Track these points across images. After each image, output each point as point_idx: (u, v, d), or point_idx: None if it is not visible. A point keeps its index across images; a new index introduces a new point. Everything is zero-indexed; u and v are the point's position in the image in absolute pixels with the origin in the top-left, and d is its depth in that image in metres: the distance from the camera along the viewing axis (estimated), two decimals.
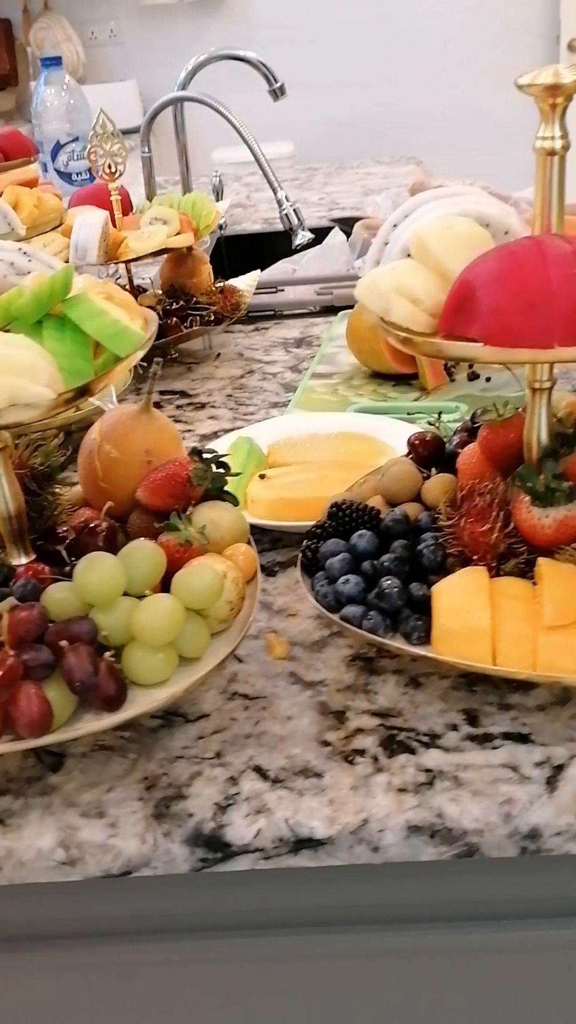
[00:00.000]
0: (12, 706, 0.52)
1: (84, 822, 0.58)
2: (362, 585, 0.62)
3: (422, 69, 3.58)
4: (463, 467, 0.68)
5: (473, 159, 3.53)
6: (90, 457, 0.72)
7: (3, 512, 0.62)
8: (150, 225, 1.21)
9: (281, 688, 0.67)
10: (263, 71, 1.56)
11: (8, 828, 0.58)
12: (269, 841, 0.56)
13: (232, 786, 0.59)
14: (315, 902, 0.62)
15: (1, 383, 0.47)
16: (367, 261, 0.66)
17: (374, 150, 3.44)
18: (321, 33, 3.56)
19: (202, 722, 0.64)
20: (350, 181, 2.44)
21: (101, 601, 0.56)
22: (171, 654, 0.58)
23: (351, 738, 0.62)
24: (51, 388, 0.50)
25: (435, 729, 0.61)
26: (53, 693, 0.54)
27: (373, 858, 0.56)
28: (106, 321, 0.52)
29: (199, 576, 0.58)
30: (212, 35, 3.59)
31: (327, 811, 0.57)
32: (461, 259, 0.56)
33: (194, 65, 1.59)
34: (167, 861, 0.57)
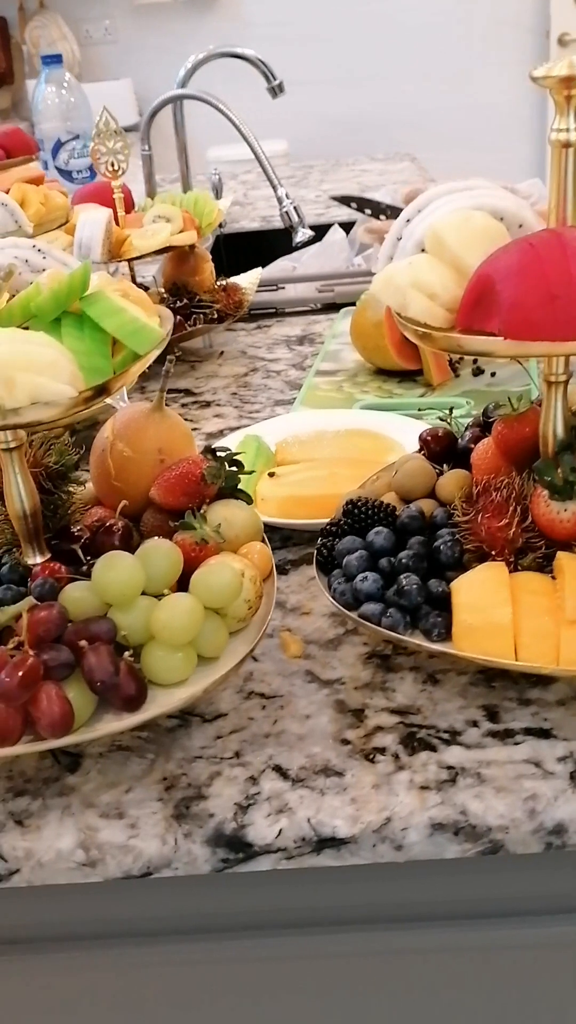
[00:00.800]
0: (33, 706, 0.52)
1: (104, 823, 0.57)
2: (380, 582, 0.61)
3: (414, 65, 3.58)
4: (477, 462, 0.68)
5: (467, 154, 3.53)
6: (103, 456, 0.71)
7: (18, 511, 0.62)
8: (153, 223, 1.21)
9: (298, 687, 0.66)
10: (262, 69, 1.56)
11: (27, 829, 0.57)
12: (291, 841, 0.56)
13: (252, 786, 0.59)
14: (336, 901, 0.62)
15: (22, 381, 0.47)
16: (380, 257, 0.65)
17: (368, 147, 3.44)
18: (314, 31, 3.56)
19: (220, 721, 0.64)
20: (346, 178, 2.44)
21: (120, 601, 0.56)
22: (190, 653, 0.57)
23: (371, 736, 0.61)
24: (72, 386, 0.49)
25: (455, 726, 0.61)
26: (73, 693, 0.54)
27: (396, 856, 0.56)
28: (125, 319, 0.51)
29: (218, 575, 0.58)
30: (206, 33, 3.58)
31: (349, 810, 0.56)
32: (478, 253, 0.56)
33: (194, 63, 1.58)
34: (188, 862, 0.56)
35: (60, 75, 1.58)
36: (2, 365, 0.47)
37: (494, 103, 3.59)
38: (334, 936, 0.62)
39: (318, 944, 0.62)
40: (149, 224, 1.22)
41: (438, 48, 3.55)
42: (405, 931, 0.62)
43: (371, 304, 1.13)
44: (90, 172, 1.63)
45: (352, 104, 3.62)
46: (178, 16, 3.61)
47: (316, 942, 0.62)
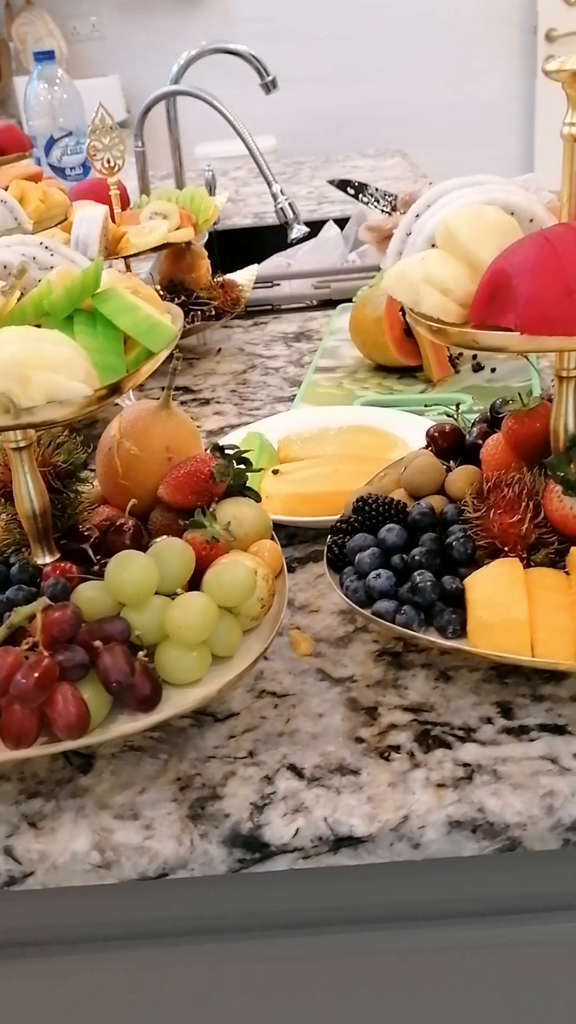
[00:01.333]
0: (49, 707, 0.51)
1: (119, 824, 0.57)
2: (393, 579, 0.61)
3: (403, 62, 3.58)
4: (487, 458, 0.68)
5: (457, 151, 3.53)
6: (109, 454, 0.71)
7: (28, 511, 0.61)
8: (150, 220, 1.20)
9: (309, 685, 0.66)
10: (255, 65, 1.55)
11: (41, 831, 0.57)
12: (308, 840, 0.56)
13: (267, 785, 0.58)
14: (351, 899, 0.61)
15: (37, 379, 0.46)
16: (389, 253, 0.65)
17: (357, 143, 3.44)
18: (301, 27, 3.55)
19: (232, 721, 0.63)
20: (337, 174, 2.43)
21: (134, 600, 0.56)
22: (204, 653, 0.57)
23: (385, 734, 0.61)
24: (87, 384, 0.49)
25: (469, 723, 0.61)
26: (88, 694, 0.53)
27: (414, 855, 0.56)
28: (139, 316, 0.51)
29: (232, 573, 0.57)
30: (193, 30, 3.57)
31: (366, 808, 0.56)
32: (491, 248, 0.56)
33: (187, 59, 1.57)
34: (205, 863, 0.56)
35: (52, 72, 1.57)
36: (17, 363, 0.46)
37: (483, 99, 3.59)
38: (350, 935, 0.62)
39: (334, 943, 0.62)
40: (146, 221, 1.21)
41: (427, 44, 3.55)
42: (422, 929, 0.61)
43: (370, 300, 1.12)
44: (83, 169, 1.62)
45: (340, 100, 3.61)
46: (165, 12, 3.60)
47: (332, 941, 0.62)
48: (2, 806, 0.59)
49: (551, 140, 3.63)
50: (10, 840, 0.57)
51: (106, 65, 3.59)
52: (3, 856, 0.56)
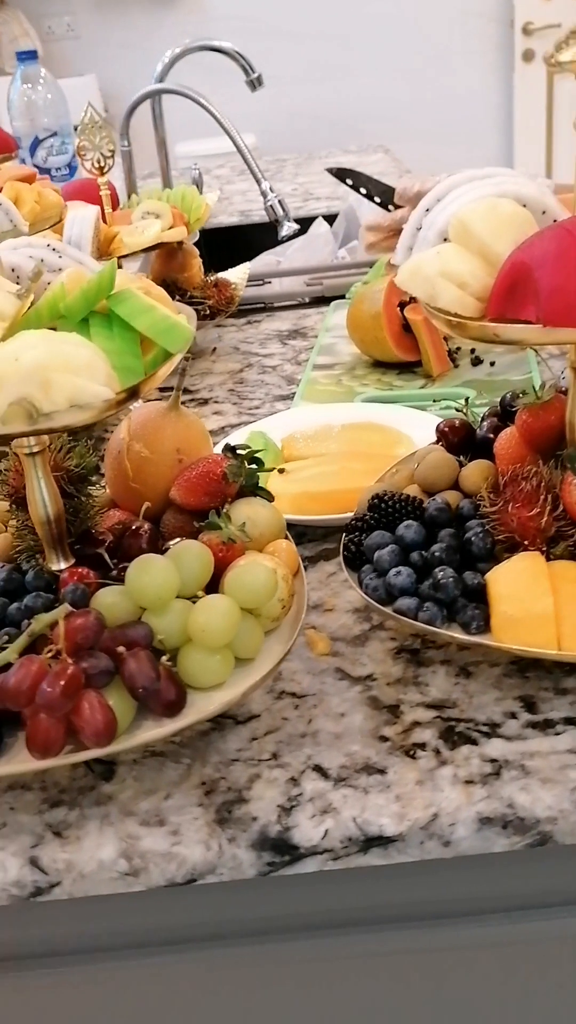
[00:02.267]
0: (76, 716, 0.50)
1: (145, 831, 0.56)
2: (414, 577, 0.61)
3: (381, 57, 3.57)
4: (501, 452, 0.67)
5: (436, 146, 3.53)
6: (119, 457, 0.70)
7: (42, 516, 0.60)
8: (142, 219, 1.19)
9: (329, 685, 0.66)
10: (241, 62, 1.55)
11: (67, 840, 0.56)
12: (338, 841, 0.55)
13: (294, 787, 0.58)
14: (379, 899, 0.61)
15: (60, 382, 0.45)
16: (399, 248, 0.65)
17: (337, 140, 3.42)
18: (278, 24, 3.54)
19: (253, 723, 0.63)
20: (321, 171, 2.42)
21: (156, 604, 0.55)
22: (228, 655, 0.56)
23: (409, 732, 0.61)
24: (109, 387, 0.48)
25: (494, 718, 0.61)
26: (113, 700, 0.53)
27: (444, 853, 0.55)
28: (157, 317, 0.50)
29: (253, 574, 0.57)
30: (169, 28, 3.55)
31: (395, 807, 0.56)
32: (507, 241, 0.55)
33: (171, 57, 1.56)
34: (233, 867, 0.55)
35: (35, 72, 1.55)
36: (40, 367, 0.45)
37: (462, 94, 3.59)
38: (380, 934, 0.61)
39: (364, 942, 0.61)
40: (138, 221, 1.20)
41: (404, 40, 3.55)
42: (451, 927, 0.61)
43: (367, 296, 1.12)
44: (69, 169, 1.60)
45: (319, 97, 3.61)
46: (141, 11, 3.58)
47: (362, 940, 0.61)
48: (26, 816, 0.58)
49: (529, 133, 3.64)
50: (35, 850, 0.56)
51: (82, 65, 3.57)
52: (29, 867, 0.55)
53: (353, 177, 1.22)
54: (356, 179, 1.21)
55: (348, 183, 1.22)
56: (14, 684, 0.50)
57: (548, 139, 3.64)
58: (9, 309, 0.48)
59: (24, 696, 0.50)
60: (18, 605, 0.59)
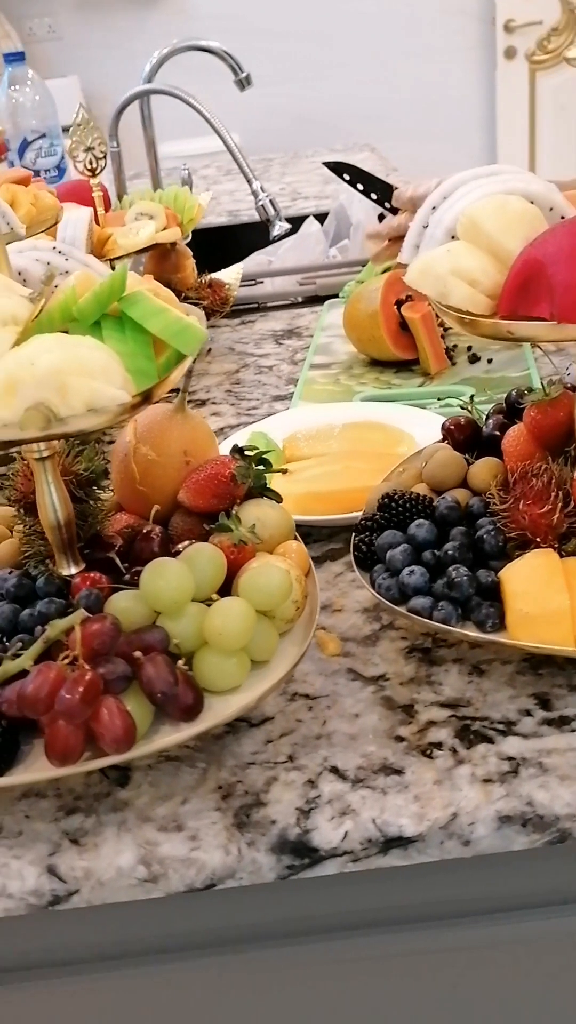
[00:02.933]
0: (95, 722, 0.50)
1: (163, 836, 0.56)
2: (427, 576, 0.60)
3: (364, 56, 3.57)
4: (510, 449, 0.67)
5: (420, 143, 3.53)
6: (125, 460, 0.70)
7: (52, 521, 0.60)
8: (136, 221, 1.19)
9: (341, 686, 0.65)
10: (229, 62, 1.54)
11: (84, 848, 0.56)
12: (358, 843, 0.55)
13: (311, 789, 0.57)
14: (396, 900, 0.61)
15: (77, 386, 0.45)
16: (405, 246, 0.65)
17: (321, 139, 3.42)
18: (260, 23, 3.53)
19: (267, 726, 0.63)
20: (308, 170, 2.43)
21: (172, 608, 0.55)
22: (243, 658, 0.56)
23: (424, 731, 0.61)
24: (125, 390, 0.48)
25: (509, 716, 0.61)
26: (131, 706, 0.52)
27: (464, 852, 0.55)
28: (170, 319, 0.50)
29: (268, 576, 0.57)
30: (152, 28, 3.54)
31: (414, 808, 0.55)
32: (517, 238, 0.55)
33: (159, 57, 1.56)
34: (253, 871, 0.55)
35: (23, 73, 1.54)
36: (56, 371, 0.45)
37: (445, 92, 3.60)
38: (400, 935, 0.61)
39: (383, 944, 0.61)
40: (131, 222, 1.19)
41: (387, 38, 3.55)
42: (472, 926, 0.61)
43: (364, 295, 1.12)
44: (58, 171, 1.59)
45: (303, 96, 3.60)
46: (122, 11, 3.56)
47: (381, 942, 0.61)
48: (41, 824, 0.57)
49: (512, 130, 3.65)
50: (53, 858, 0.55)
51: (64, 66, 3.55)
52: (47, 875, 0.55)
53: (351, 172, 1.21)
54: (353, 174, 1.21)
55: (345, 178, 1.22)
56: (32, 691, 0.49)
57: (531, 136, 3.65)
58: (22, 313, 0.48)
59: (43, 703, 0.49)
60: (30, 611, 0.58)
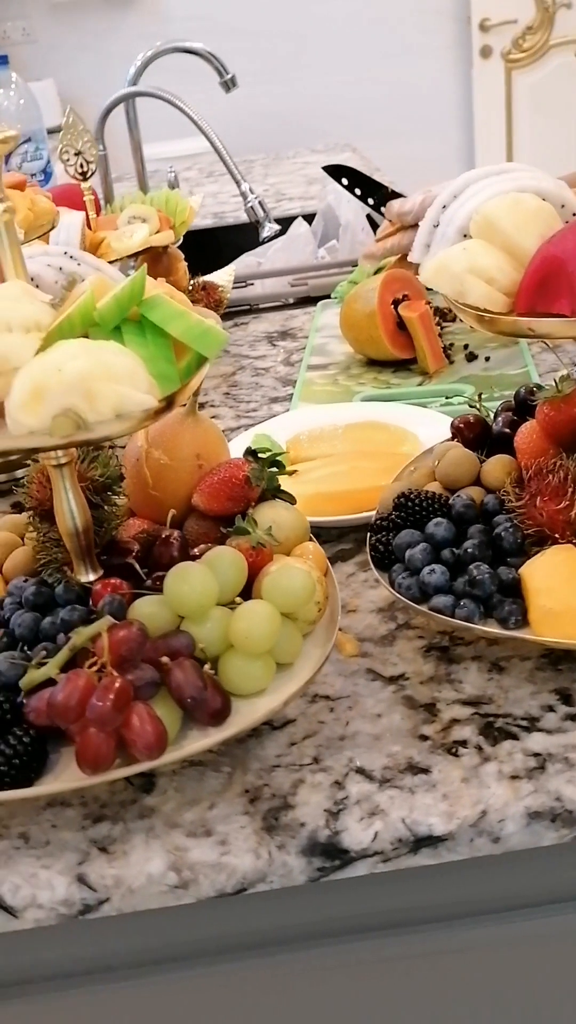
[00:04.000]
0: (126, 729, 0.50)
1: (192, 842, 0.56)
2: (448, 574, 0.61)
3: (341, 56, 3.58)
4: (522, 446, 0.68)
5: (399, 143, 3.54)
6: (137, 465, 0.69)
7: (70, 528, 0.59)
8: (128, 224, 1.18)
9: (362, 686, 0.65)
10: (215, 64, 1.54)
11: (113, 856, 0.55)
12: (388, 843, 0.55)
13: (339, 791, 0.57)
14: (425, 899, 0.61)
15: (105, 392, 0.44)
16: (416, 246, 0.65)
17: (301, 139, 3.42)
18: (235, 23, 3.53)
19: (290, 728, 0.62)
20: (290, 171, 2.43)
21: (197, 613, 0.54)
22: (269, 661, 0.56)
23: (448, 730, 0.61)
24: (151, 395, 0.47)
25: (531, 712, 0.61)
26: (160, 711, 0.52)
27: (494, 849, 0.56)
28: (191, 322, 0.50)
29: (290, 578, 0.57)
30: (126, 30, 3.53)
31: (443, 806, 0.56)
32: (533, 235, 0.55)
33: (143, 60, 1.55)
34: (284, 874, 0.55)
35: (7, 77, 1.53)
36: (84, 377, 0.44)
37: (422, 91, 3.61)
38: (430, 934, 0.61)
39: (413, 943, 0.61)
40: (124, 225, 1.19)
41: (364, 38, 3.55)
42: (501, 922, 0.61)
43: (360, 295, 1.12)
44: (45, 175, 1.59)
45: (281, 97, 3.60)
46: (97, 14, 3.55)
47: (410, 941, 0.61)
48: (68, 833, 0.57)
49: (490, 128, 3.66)
50: (82, 867, 0.55)
51: (41, 70, 3.53)
52: (77, 884, 0.55)
53: (349, 176, 1.21)
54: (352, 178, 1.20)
55: (343, 182, 1.21)
56: (63, 700, 0.49)
57: (508, 134, 3.67)
58: (44, 319, 0.47)
59: (73, 712, 0.49)
60: (52, 619, 0.58)
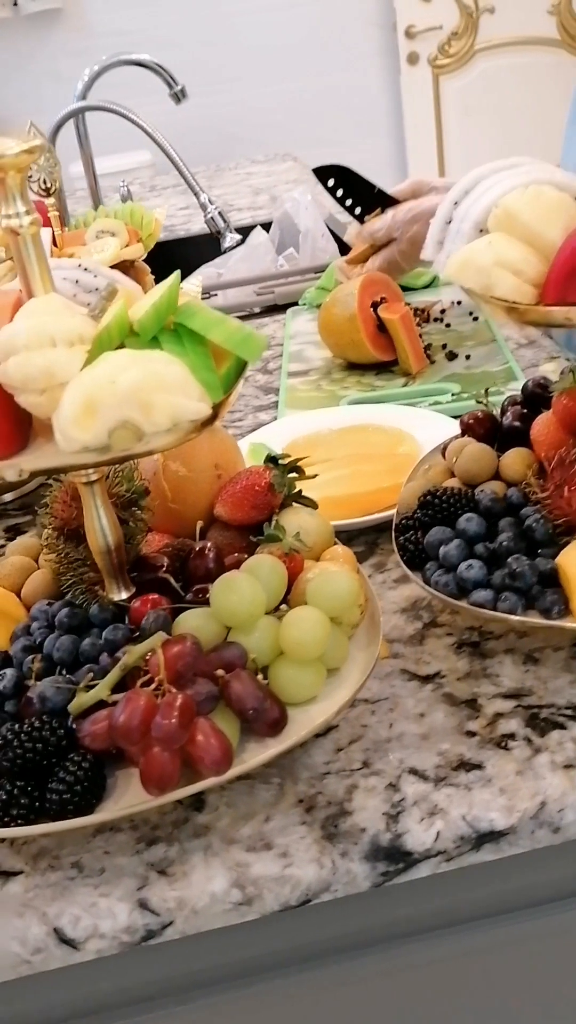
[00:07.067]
0: (191, 746, 0.48)
1: (253, 857, 0.54)
2: (485, 568, 0.61)
3: (270, 68, 3.59)
4: (539, 437, 0.68)
5: (332, 151, 3.56)
6: (155, 479, 0.68)
7: (102, 546, 0.58)
8: (97, 239, 1.17)
9: (399, 687, 0.65)
10: (164, 76, 1.53)
11: (173, 878, 0.54)
12: (450, 842, 0.55)
13: (395, 793, 0.57)
14: (486, 893, 0.61)
15: (161, 403, 0.43)
16: (428, 242, 0.65)
17: (240, 151, 3.42)
18: (163, 37, 3.52)
19: (334, 734, 0.62)
20: (234, 182, 2.42)
21: (247, 623, 0.53)
22: (320, 668, 0.55)
23: (494, 724, 0.61)
24: (204, 403, 0.46)
25: (574, 700, 0.61)
26: (221, 725, 0.51)
27: (554, 839, 0.56)
28: (231, 328, 0.49)
29: (335, 583, 0.56)
30: (54, 47, 3.50)
31: (502, 801, 0.55)
32: (556, 227, 0.56)
33: (90, 75, 1.54)
34: (348, 881, 0.54)
35: None
36: (139, 389, 0.43)
37: (352, 99, 3.64)
38: (493, 929, 0.61)
39: (479, 938, 0.61)
40: (92, 240, 1.17)
41: (292, 49, 3.57)
42: (562, 912, 0.61)
43: (339, 300, 1.12)
44: None
45: (212, 109, 3.60)
46: (21, 32, 3.51)
47: (475, 936, 0.61)
48: (123, 858, 0.55)
49: (420, 133, 3.71)
50: (142, 892, 0.54)
51: None
52: (139, 910, 0.53)
53: (338, 177, 1.18)
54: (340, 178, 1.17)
55: (328, 184, 1.19)
56: (124, 721, 0.48)
57: (439, 138, 3.72)
58: (88, 331, 0.46)
59: (136, 732, 0.48)
60: (92, 640, 0.56)
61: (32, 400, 0.46)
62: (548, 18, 3.57)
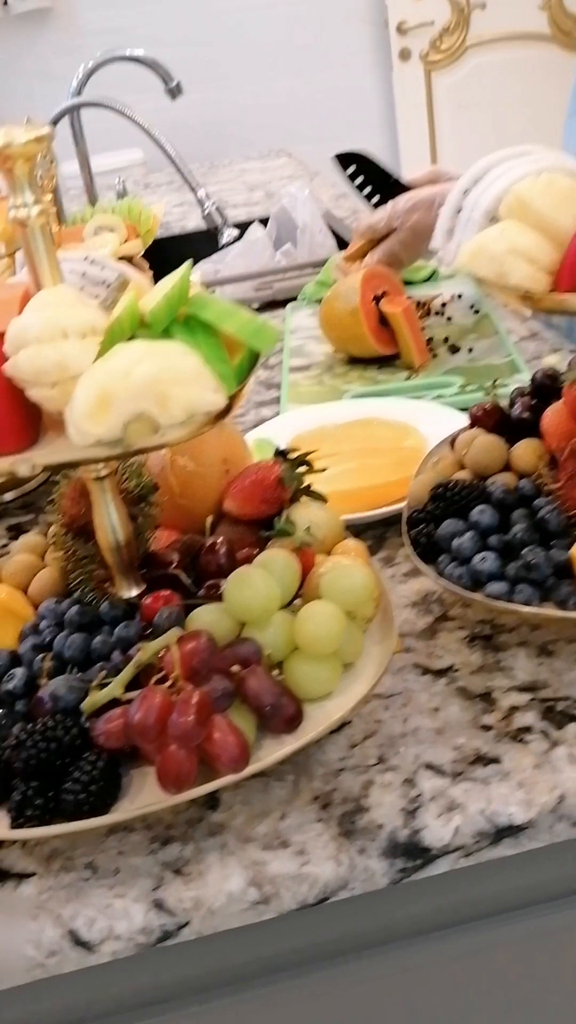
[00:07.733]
0: (208, 743, 0.48)
1: (270, 855, 0.54)
2: (499, 560, 0.60)
3: (263, 65, 3.58)
4: (550, 428, 0.67)
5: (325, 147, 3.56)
6: (163, 474, 0.68)
7: (112, 542, 0.57)
8: (95, 235, 1.16)
9: (412, 681, 0.64)
10: (160, 71, 1.52)
11: (188, 877, 0.53)
12: (469, 837, 0.54)
13: (411, 788, 0.56)
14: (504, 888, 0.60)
15: (176, 394, 0.43)
16: (437, 232, 0.64)
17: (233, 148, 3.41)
18: (154, 35, 3.51)
19: (347, 730, 0.61)
20: (229, 179, 2.42)
21: (262, 618, 0.53)
22: (335, 663, 0.55)
23: (509, 718, 0.60)
24: (219, 395, 0.46)
25: None
26: (237, 722, 0.50)
27: (572, 833, 0.55)
28: (244, 318, 0.48)
29: (350, 576, 0.55)
30: (44, 46, 3.49)
31: (520, 795, 0.55)
32: (569, 214, 0.55)
33: (84, 71, 1.53)
34: (366, 879, 0.54)
35: None
36: (153, 380, 0.43)
37: (346, 96, 3.63)
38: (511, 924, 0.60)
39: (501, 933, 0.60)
40: (91, 236, 1.16)
41: (285, 46, 3.56)
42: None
43: (340, 294, 1.11)
44: None
45: (205, 107, 3.58)
46: (12, 32, 3.50)
47: (494, 932, 0.60)
48: (138, 858, 0.55)
49: (412, 129, 3.70)
50: (158, 892, 0.53)
51: None
52: (155, 910, 0.52)
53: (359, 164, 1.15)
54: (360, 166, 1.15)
55: (349, 172, 1.17)
56: (140, 719, 0.47)
57: (431, 134, 3.71)
58: (100, 322, 0.45)
59: (153, 730, 0.47)
60: (103, 638, 0.56)
61: (44, 394, 0.45)
62: (539, 13, 3.56)
